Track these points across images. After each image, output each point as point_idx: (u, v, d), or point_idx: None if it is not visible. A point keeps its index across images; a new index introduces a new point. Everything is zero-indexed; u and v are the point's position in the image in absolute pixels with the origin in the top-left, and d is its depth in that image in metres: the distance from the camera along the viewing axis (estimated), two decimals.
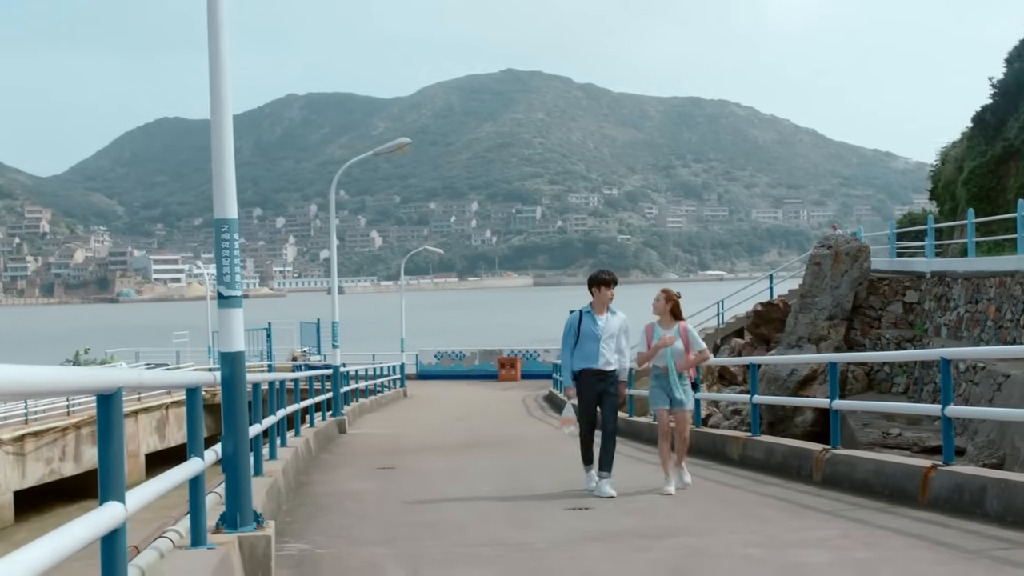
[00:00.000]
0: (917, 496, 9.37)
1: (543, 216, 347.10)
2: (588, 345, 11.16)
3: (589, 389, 11.17)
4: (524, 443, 19.32)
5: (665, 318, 11.52)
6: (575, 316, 11.42)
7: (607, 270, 11.81)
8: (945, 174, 38.73)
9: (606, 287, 11.39)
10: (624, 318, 11.44)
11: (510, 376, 46.67)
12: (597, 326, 11.21)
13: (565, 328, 11.46)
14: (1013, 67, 33.81)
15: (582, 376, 11.20)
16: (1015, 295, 21.49)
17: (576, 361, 11.25)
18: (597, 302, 11.37)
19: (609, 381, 11.20)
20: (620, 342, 11.34)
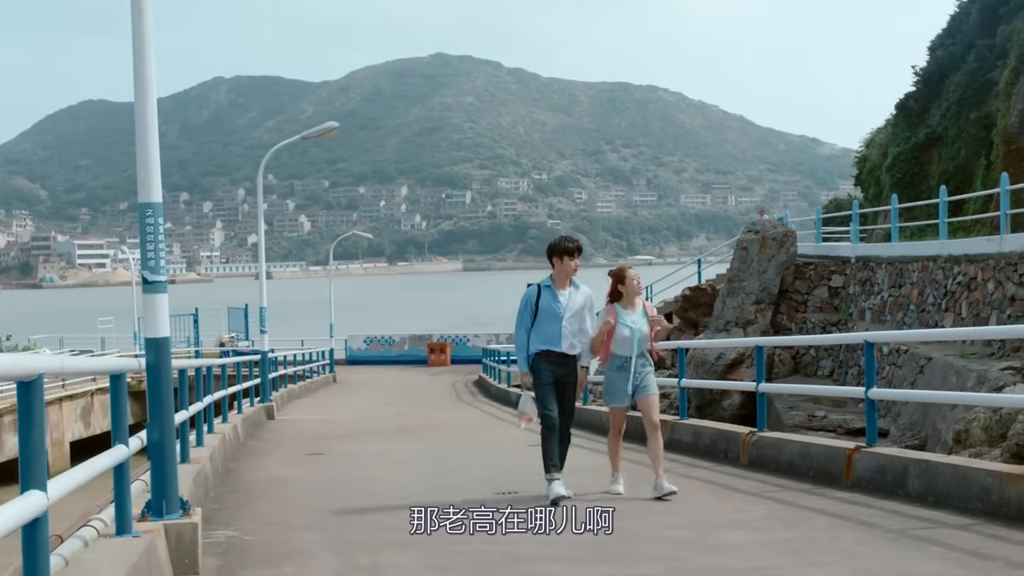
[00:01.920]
0: (841, 477, 9.50)
1: (473, 201, 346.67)
2: (548, 325, 9.58)
3: (548, 375, 9.56)
4: (454, 428, 19.34)
5: (631, 299, 9.89)
6: (532, 291, 9.78)
7: (570, 237, 10.12)
8: (870, 160, 39.27)
9: (569, 256, 9.72)
10: (589, 293, 9.84)
11: (440, 361, 46.65)
12: (559, 302, 9.62)
13: (521, 304, 9.81)
14: (935, 55, 34.32)
15: (540, 360, 9.59)
16: (937, 279, 21.85)
17: (535, 342, 9.63)
18: (559, 274, 9.72)
19: (570, 367, 9.67)
20: (584, 321, 9.76)
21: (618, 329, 9.70)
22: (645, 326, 9.83)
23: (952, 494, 8.09)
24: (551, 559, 6.89)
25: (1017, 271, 18.58)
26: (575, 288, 9.80)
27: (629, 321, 9.75)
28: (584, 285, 9.89)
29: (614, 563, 6.72)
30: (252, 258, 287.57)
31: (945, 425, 16.08)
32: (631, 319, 9.78)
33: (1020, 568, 6.09)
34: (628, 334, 9.71)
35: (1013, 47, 26.44)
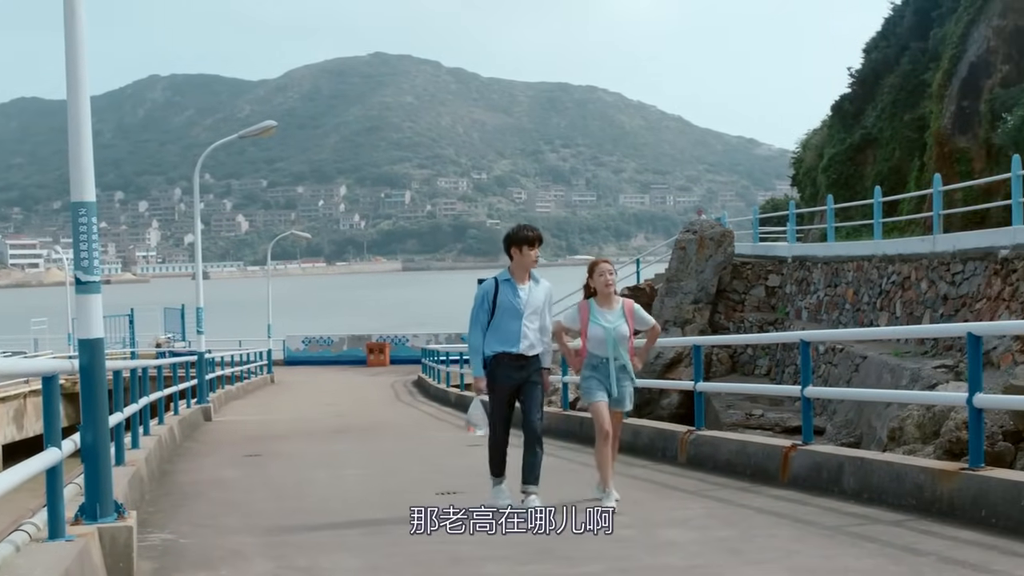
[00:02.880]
0: (778, 475, 9.59)
1: (412, 201, 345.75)
2: (506, 323, 8.66)
3: (506, 379, 8.71)
4: (393, 428, 19.28)
5: (606, 295, 9.01)
6: (489, 285, 8.84)
7: (529, 225, 9.22)
8: (806, 161, 39.67)
9: (529, 246, 8.82)
10: (549, 287, 8.97)
11: (379, 361, 46.48)
12: (518, 298, 8.70)
13: (476, 300, 8.83)
14: (870, 58, 34.73)
15: (498, 363, 8.70)
16: (872, 279, 22.11)
17: (491, 343, 8.71)
18: (518, 267, 8.81)
19: (532, 368, 8.77)
20: (544, 318, 8.90)
21: (591, 328, 8.85)
22: (624, 326, 8.86)
23: (886, 491, 8.18)
24: (492, 559, 6.88)
25: (950, 270, 18.85)
26: (535, 282, 8.88)
27: (603, 320, 8.84)
28: (544, 279, 8.99)
29: (555, 562, 6.73)
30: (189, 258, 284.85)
31: (880, 423, 16.28)
32: (606, 318, 8.86)
33: (952, 563, 6.18)
34: (601, 334, 8.80)
35: (945, 50, 26.82)
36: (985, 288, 17.47)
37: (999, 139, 21.18)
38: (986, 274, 17.53)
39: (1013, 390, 12.36)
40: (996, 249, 17.31)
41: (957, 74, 25.33)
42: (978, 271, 17.85)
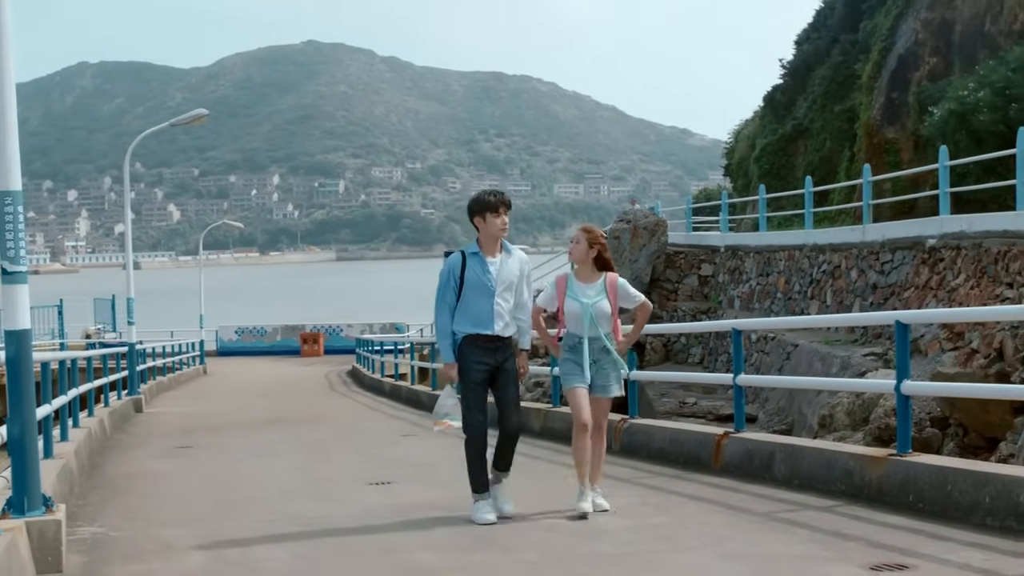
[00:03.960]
0: (711, 463, 9.67)
1: (346, 190, 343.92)
2: (477, 301, 7.74)
3: (479, 365, 7.72)
4: (327, 419, 19.18)
5: (585, 267, 8.00)
6: (455, 260, 7.90)
7: (494, 189, 8.15)
8: (739, 151, 40.00)
9: (494, 213, 7.79)
10: (524, 258, 8.02)
11: (313, 352, 46.23)
12: (489, 273, 7.76)
13: (441, 277, 7.91)
14: (802, 49, 35.09)
15: (468, 348, 7.74)
16: (803, 268, 22.35)
17: (460, 324, 7.78)
18: (486, 237, 7.84)
19: (507, 352, 7.87)
20: (521, 293, 7.96)
21: (567, 303, 7.92)
22: (604, 303, 7.88)
23: (817, 477, 8.28)
24: (426, 548, 6.88)
25: (879, 259, 19.10)
26: (507, 253, 7.91)
27: (580, 295, 7.90)
28: (518, 249, 8.06)
29: (490, 551, 6.73)
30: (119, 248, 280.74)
31: (811, 410, 16.48)
32: (584, 293, 7.91)
33: (880, 547, 6.27)
34: (577, 310, 7.87)
35: (875, 42, 27.15)
36: (913, 277, 17.73)
37: (927, 131, 21.49)
38: (914, 263, 17.79)
39: (940, 377, 12.58)
40: (924, 239, 17.57)
41: (886, 66, 25.65)
42: (906, 260, 18.11)
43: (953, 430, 12.72)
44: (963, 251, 16.02)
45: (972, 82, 20.08)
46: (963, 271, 15.98)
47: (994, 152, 17.39)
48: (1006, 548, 6.07)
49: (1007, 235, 15.08)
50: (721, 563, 6.13)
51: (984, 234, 15.75)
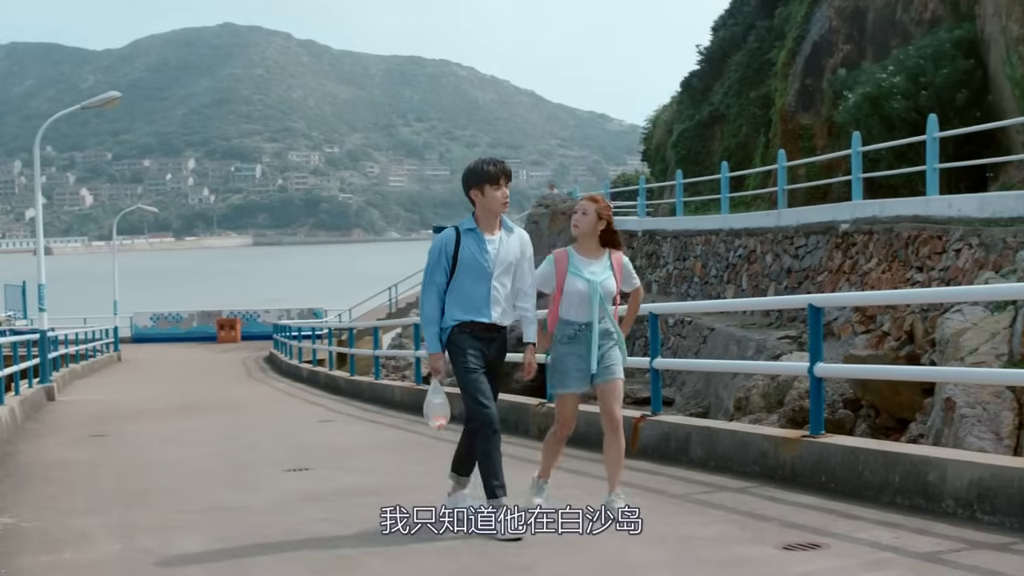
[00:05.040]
0: (628, 446, 9.72)
1: (263, 175, 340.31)
2: (471, 284, 6.76)
3: (475, 356, 6.78)
4: (244, 406, 19.01)
5: (590, 242, 7.03)
6: (448, 236, 6.88)
7: (493, 158, 7.15)
8: (656, 137, 40.28)
9: (494, 185, 6.85)
10: (526, 238, 7.07)
11: (230, 338, 45.78)
12: (486, 252, 6.78)
13: (431, 255, 6.91)
14: (718, 35, 35.40)
15: (461, 335, 6.77)
16: (719, 252, 22.58)
17: (451, 310, 6.80)
18: (484, 212, 6.88)
19: (501, 345, 6.95)
20: (523, 277, 6.96)
21: (569, 282, 6.87)
22: (611, 281, 6.95)
23: (732, 459, 8.39)
24: (344, 535, 6.84)
25: (793, 244, 19.36)
26: (507, 231, 6.96)
27: (586, 271, 6.90)
28: (519, 228, 7.13)
29: (412, 539, 6.71)
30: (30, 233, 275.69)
31: (727, 393, 16.66)
32: (589, 269, 6.93)
33: (794, 527, 6.36)
34: (583, 288, 6.84)
35: (790, 29, 27.47)
36: (827, 261, 18.00)
37: (840, 117, 21.79)
38: (828, 247, 18.05)
39: (853, 359, 12.79)
40: (837, 223, 17.83)
41: (801, 53, 25.97)
42: (820, 244, 18.37)
43: (865, 411, 12.95)
44: (875, 236, 16.29)
45: (884, 69, 20.41)
46: (875, 255, 16.26)
47: (906, 138, 17.70)
48: (914, 526, 6.20)
49: (917, 220, 15.36)
50: (638, 545, 6.18)
51: (895, 219, 16.04)
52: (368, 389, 19.05)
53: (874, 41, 23.58)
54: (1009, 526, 6.04)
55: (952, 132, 16.45)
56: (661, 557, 5.96)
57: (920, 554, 5.64)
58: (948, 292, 10.90)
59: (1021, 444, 9.27)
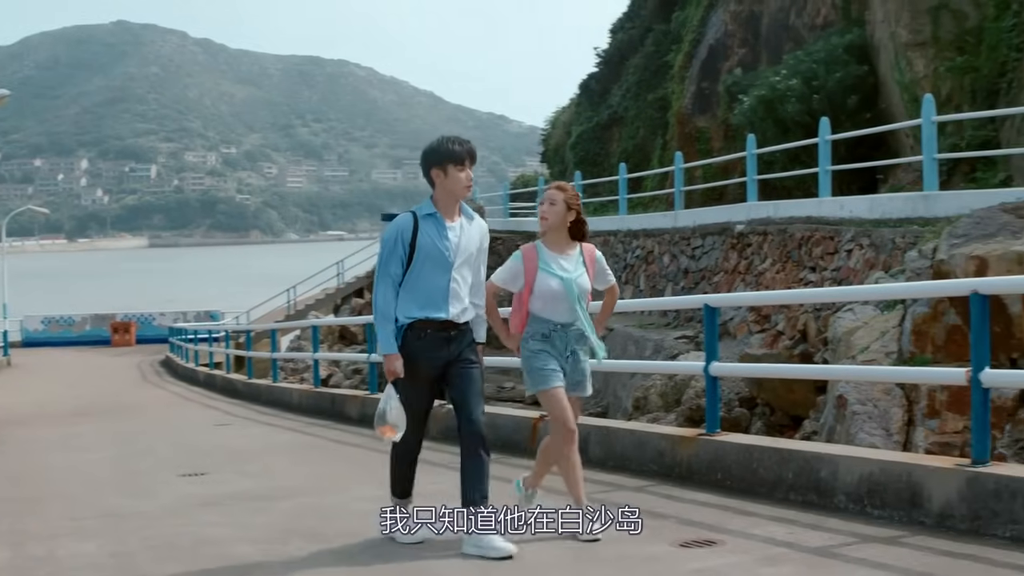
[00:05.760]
0: (527, 445, 9.76)
1: (159, 175, 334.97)
2: (429, 276, 6.11)
3: (429, 358, 6.14)
4: (139, 410, 18.70)
5: (560, 235, 6.40)
6: (404, 222, 6.17)
7: (458, 137, 6.38)
8: (555, 138, 40.48)
9: (458, 166, 6.17)
10: (485, 227, 6.39)
11: (124, 341, 44.94)
12: (447, 240, 6.13)
13: (386, 243, 6.18)
14: (616, 38, 35.71)
15: (417, 335, 6.11)
16: (617, 253, 22.77)
17: (406, 306, 6.13)
18: (445, 195, 6.20)
19: (464, 343, 6.23)
20: (479, 271, 6.36)
21: (541, 279, 6.27)
22: (585, 278, 6.37)
23: (630, 458, 8.45)
24: (241, 540, 6.77)
25: (690, 245, 19.60)
26: (468, 218, 6.30)
27: (558, 268, 6.32)
28: (479, 216, 6.44)
29: (309, 541, 6.66)
30: None
31: (625, 392, 16.81)
32: (561, 265, 6.34)
33: (690, 524, 6.44)
34: (557, 287, 6.26)
35: (686, 33, 27.80)
36: (723, 261, 18.24)
37: (736, 119, 22.12)
38: (724, 248, 18.31)
39: (748, 358, 12.98)
40: (733, 224, 18.09)
41: (697, 56, 26.30)
42: (716, 245, 18.62)
43: (761, 409, 13.15)
44: (769, 236, 16.56)
45: (778, 73, 20.76)
46: (769, 256, 16.52)
47: (799, 141, 18.02)
48: (807, 521, 6.32)
49: (810, 221, 15.65)
50: (536, 546, 6.19)
51: (789, 220, 16.32)
52: (266, 392, 18.87)
53: (768, 45, 23.97)
54: (897, 520, 6.18)
55: (844, 135, 16.80)
56: (559, 556, 5.98)
57: (813, 549, 5.75)
58: (840, 292, 11.11)
59: (910, 440, 9.50)
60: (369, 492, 8.06)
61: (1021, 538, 5.59)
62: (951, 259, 9.60)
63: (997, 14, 16.83)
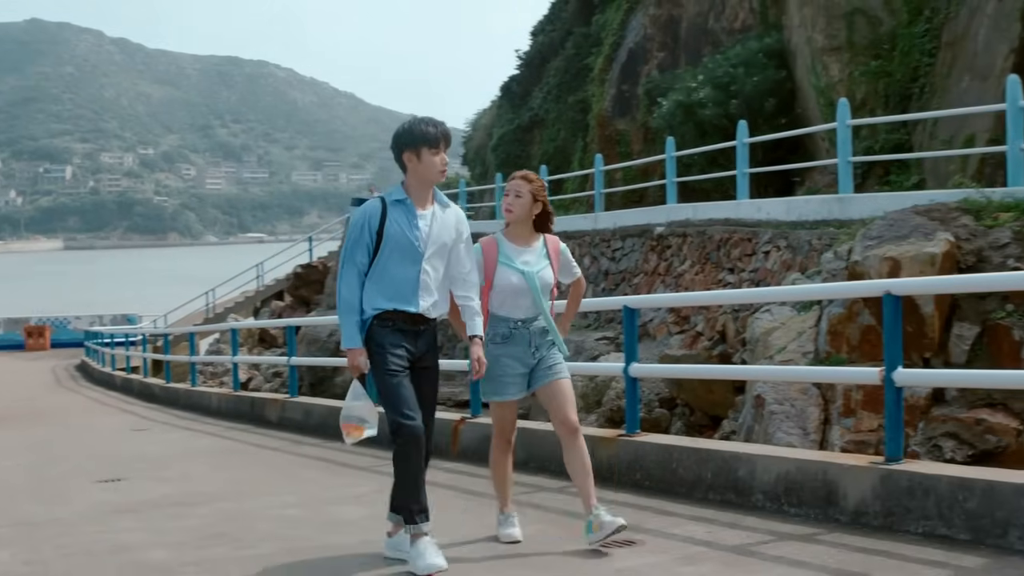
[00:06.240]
0: (449, 449, 9.75)
1: (74, 176, 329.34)
2: (397, 266, 5.72)
3: (400, 355, 5.72)
4: (54, 415, 18.39)
5: (523, 227, 6.16)
6: (373, 208, 5.79)
7: (433, 119, 5.91)
8: (476, 140, 40.50)
9: (432, 149, 5.78)
10: (462, 215, 6.05)
11: (39, 346, 44.18)
12: (417, 229, 5.74)
13: (352, 229, 5.82)
14: (537, 41, 35.82)
15: (383, 329, 5.69)
16: None
17: (372, 296, 5.72)
18: (418, 180, 5.82)
19: (430, 341, 5.89)
20: (461, 262, 5.96)
21: (500, 274, 6.03)
22: (548, 271, 6.10)
23: (549, 459, 8.47)
24: (160, 545, 6.68)
25: (611, 247, 19.71)
26: (442, 206, 5.92)
27: (519, 261, 6.08)
28: (454, 204, 6.07)
29: (226, 546, 6.60)
30: None
31: None
32: (522, 258, 6.08)
33: None
34: (518, 281, 6.02)
35: (607, 36, 27.96)
36: (643, 263, 18.38)
37: (655, 122, 22.29)
38: (643, 250, 18.44)
39: (667, 359, 13.10)
40: (652, 226, 18.23)
41: (617, 59, 26.47)
42: (636, 247, 18.75)
43: (680, 410, 13.27)
44: (689, 238, 16.71)
45: (695, 77, 20.96)
46: (689, 257, 16.67)
47: (717, 144, 18.21)
48: (726, 520, 6.39)
49: (729, 223, 15.82)
50: (457, 546, 6.19)
51: (708, 222, 16.48)
52: (184, 396, 18.65)
53: (687, 49, 24.19)
54: (814, 517, 6.27)
55: (761, 138, 17.01)
56: (480, 555, 5.99)
57: (731, 547, 5.81)
58: (757, 293, 11.23)
59: (827, 438, 9.64)
60: (284, 498, 8.02)
61: (933, 534, 5.70)
62: (865, 260, 9.76)
63: (910, 20, 17.15)
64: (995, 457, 8.54)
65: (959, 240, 9.57)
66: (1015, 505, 5.43)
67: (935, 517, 5.75)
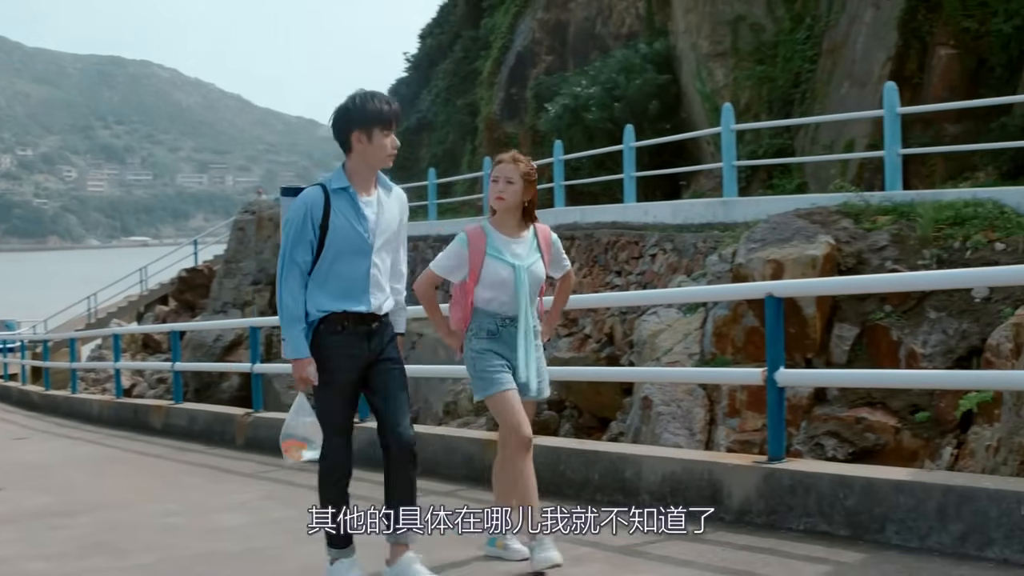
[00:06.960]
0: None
1: None
2: (346, 262, 5.13)
3: (347, 359, 5.17)
4: None
5: (511, 216, 5.56)
6: (314, 198, 5.12)
7: (381, 93, 5.33)
8: None
9: (384, 129, 5.20)
10: (404, 198, 5.44)
11: None
12: (364, 219, 5.13)
13: (292, 223, 5.12)
14: (426, 43, 35.78)
15: (332, 331, 5.14)
16: (427, 258, 22.71)
17: (318, 298, 5.14)
18: (362, 165, 5.21)
19: (387, 338, 5.31)
20: (398, 252, 5.46)
21: (489, 267, 5.46)
22: (539, 265, 5.56)
23: (440, 463, 8.45)
24: (39, 557, 6.51)
25: None
26: (386, 189, 5.32)
27: (508, 254, 5.51)
28: (397, 186, 5.45)
29: (106, 556, 6.45)
30: None
31: (435, 397, 16.82)
32: (512, 250, 5.52)
33: None
34: (507, 275, 5.46)
35: (495, 39, 28.03)
36: None
37: (543, 125, 22.39)
38: None
39: (556, 362, 13.13)
40: None
41: (506, 63, 26.54)
42: None
43: (569, 412, 13.33)
44: (577, 241, 16.80)
45: (580, 82, 21.11)
46: (577, 260, 16.76)
47: (604, 147, 18.35)
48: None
49: (616, 226, 15.95)
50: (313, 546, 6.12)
51: (595, 225, 16.60)
52: (64, 404, 18.22)
53: (575, 53, 24.36)
54: (699, 517, 6.32)
55: (647, 142, 17.18)
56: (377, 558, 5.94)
57: (618, 548, 5.84)
58: (644, 295, 11.32)
59: (712, 438, 9.77)
60: (166, 506, 7.87)
61: (814, 531, 5.81)
62: (749, 263, 9.92)
63: (792, 27, 17.50)
64: (874, 454, 8.73)
65: (839, 243, 9.77)
66: (893, 501, 5.55)
67: (816, 514, 5.85)
